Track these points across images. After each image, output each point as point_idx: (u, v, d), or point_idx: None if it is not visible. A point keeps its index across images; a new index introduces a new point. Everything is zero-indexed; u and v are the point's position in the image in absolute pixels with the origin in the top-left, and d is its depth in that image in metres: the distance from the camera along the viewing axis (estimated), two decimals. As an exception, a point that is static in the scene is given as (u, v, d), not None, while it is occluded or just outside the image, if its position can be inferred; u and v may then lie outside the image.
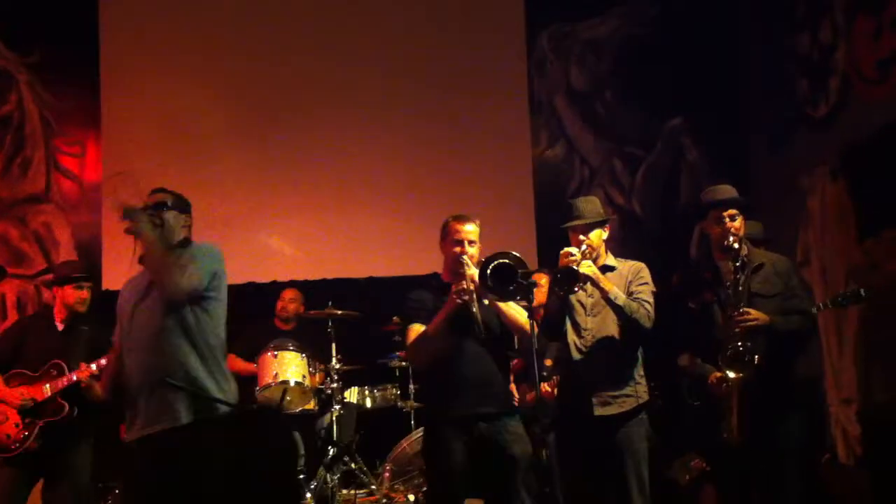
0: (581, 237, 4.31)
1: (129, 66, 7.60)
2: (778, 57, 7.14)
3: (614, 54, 7.91)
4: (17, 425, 4.97)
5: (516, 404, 5.48)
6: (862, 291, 4.62)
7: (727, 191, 4.39)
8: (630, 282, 4.34)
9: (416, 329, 4.19)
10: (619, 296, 4.20)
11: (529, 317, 4.13)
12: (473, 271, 4.06)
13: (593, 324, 4.35)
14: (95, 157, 7.58)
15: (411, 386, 6.36)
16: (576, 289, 4.16)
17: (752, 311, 4.12)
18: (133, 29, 7.66)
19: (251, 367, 6.10)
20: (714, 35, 7.58)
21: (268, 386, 5.89)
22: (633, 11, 7.88)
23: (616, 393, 4.28)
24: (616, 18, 7.93)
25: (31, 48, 7.60)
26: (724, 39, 7.59)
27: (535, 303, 4.11)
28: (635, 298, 4.24)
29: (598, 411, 4.25)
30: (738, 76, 7.59)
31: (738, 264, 4.18)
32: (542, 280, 4.91)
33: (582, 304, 4.39)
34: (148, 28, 7.66)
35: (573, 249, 4.20)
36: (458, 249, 4.20)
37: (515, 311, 4.17)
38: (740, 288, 4.16)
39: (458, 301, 3.99)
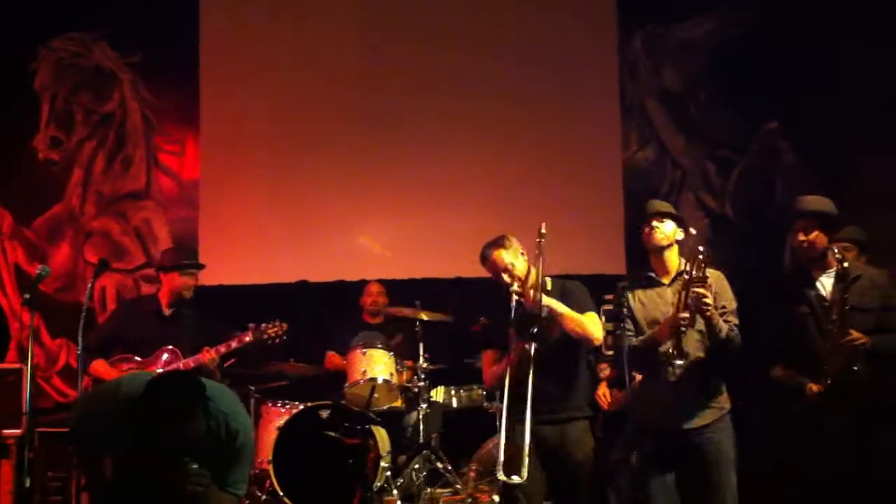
0: (655, 223, 4.31)
1: (227, 67, 7.77)
2: (878, 59, 6.94)
3: (709, 56, 7.78)
4: None
5: (607, 408, 5.52)
6: None
7: (807, 202, 4.34)
8: (715, 293, 4.28)
9: (488, 356, 4.51)
10: (723, 328, 4.16)
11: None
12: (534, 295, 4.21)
13: None
14: (194, 156, 7.77)
15: (498, 392, 6.38)
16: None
17: (854, 332, 4.06)
18: (232, 30, 7.83)
19: (345, 364, 6.21)
20: (811, 38, 7.40)
21: (356, 383, 5.97)
22: (728, 14, 7.75)
23: (701, 408, 4.24)
24: (711, 21, 7.81)
25: (133, 49, 7.83)
26: (822, 42, 7.40)
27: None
28: (726, 321, 4.20)
29: (685, 425, 4.22)
30: (836, 79, 7.39)
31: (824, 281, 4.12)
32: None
33: (662, 318, 4.35)
34: (246, 30, 7.82)
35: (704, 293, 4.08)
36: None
37: (575, 321, 4.24)
38: (826, 297, 4.10)
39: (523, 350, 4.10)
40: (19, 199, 7.65)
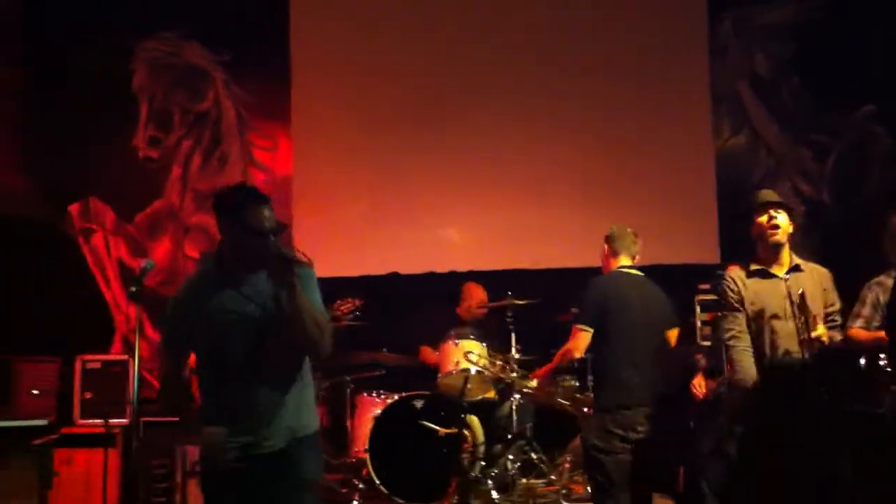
0: (773, 213, 4.27)
1: (317, 63, 7.89)
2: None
3: (800, 39, 7.62)
4: None
5: (700, 398, 5.50)
6: None
7: None
8: (824, 291, 4.29)
9: None
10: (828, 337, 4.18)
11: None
12: None
13: (791, 324, 4.25)
14: (287, 151, 7.93)
15: (589, 377, 6.37)
16: None
17: None
18: (322, 27, 7.96)
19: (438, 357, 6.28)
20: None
21: (450, 374, 6.06)
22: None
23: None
24: (797, 2, 7.65)
25: (225, 48, 8.00)
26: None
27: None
28: (832, 320, 4.25)
29: None
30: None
31: None
32: (732, 273, 4.85)
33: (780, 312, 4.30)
34: (336, 26, 7.93)
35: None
36: None
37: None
38: None
39: None
40: (121, 196, 7.91)
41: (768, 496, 4.33)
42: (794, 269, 4.30)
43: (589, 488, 5.71)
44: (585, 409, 5.77)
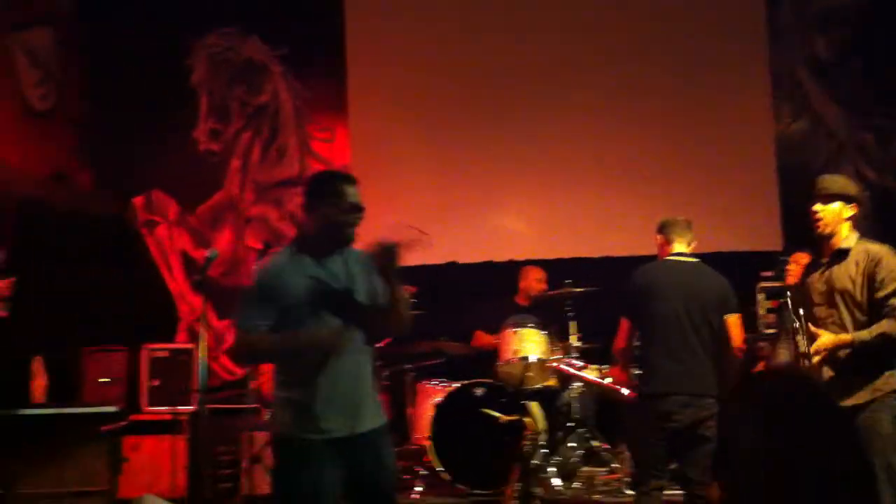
0: (816, 208, 4.17)
1: (373, 54, 7.95)
2: None
3: (861, 20, 7.48)
4: None
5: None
6: None
7: None
8: (870, 277, 4.07)
9: None
10: (862, 336, 4.01)
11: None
12: None
13: (826, 313, 4.17)
14: (344, 142, 8.01)
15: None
16: None
17: None
18: (376, 19, 8.01)
19: (495, 341, 6.30)
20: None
21: (509, 362, 6.08)
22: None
23: (855, 388, 4.10)
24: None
25: (282, 41, 8.09)
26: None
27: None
28: (885, 305, 4.01)
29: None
30: None
31: None
32: (804, 260, 4.80)
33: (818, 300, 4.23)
34: (390, 18, 7.99)
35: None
36: None
37: None
38: None
39: None
40: (183, 188, 8.06)
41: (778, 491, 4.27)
42: (837, 255, 4.16)
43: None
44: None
